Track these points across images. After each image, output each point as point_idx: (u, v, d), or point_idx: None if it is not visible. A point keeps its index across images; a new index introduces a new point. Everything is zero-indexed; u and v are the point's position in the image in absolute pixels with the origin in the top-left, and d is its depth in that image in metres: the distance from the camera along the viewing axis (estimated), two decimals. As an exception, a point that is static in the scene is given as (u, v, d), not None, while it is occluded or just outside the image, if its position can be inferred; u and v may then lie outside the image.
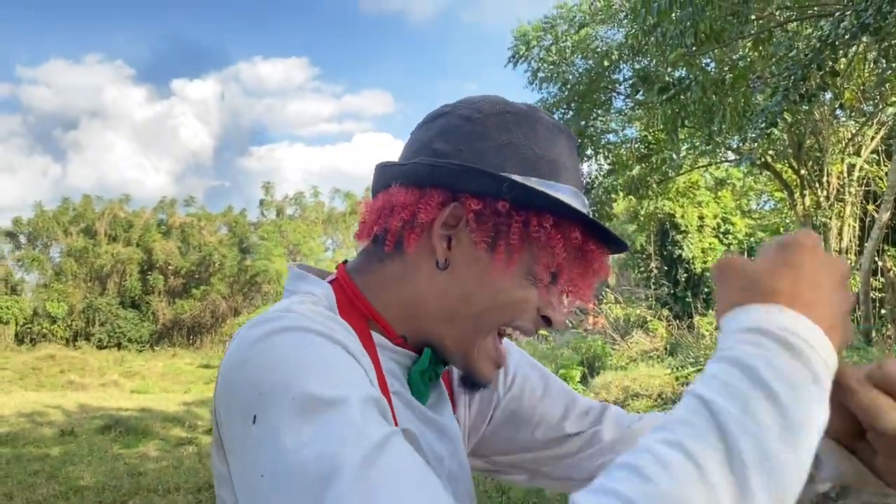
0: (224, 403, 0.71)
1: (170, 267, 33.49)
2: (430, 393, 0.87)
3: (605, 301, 20.19)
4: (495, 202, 0.79)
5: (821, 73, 5.99)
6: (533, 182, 0.80)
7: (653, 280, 19.61)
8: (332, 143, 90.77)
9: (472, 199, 0.79)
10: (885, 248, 14.13)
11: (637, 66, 13.45)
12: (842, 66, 7.96)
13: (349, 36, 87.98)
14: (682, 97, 7.62)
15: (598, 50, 14.61)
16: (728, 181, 19.50)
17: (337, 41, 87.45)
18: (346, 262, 0.92)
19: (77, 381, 20.76)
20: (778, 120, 6.55)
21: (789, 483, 0.53)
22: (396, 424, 0.70)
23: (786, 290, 0.60)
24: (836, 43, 5.82)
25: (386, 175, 0.86)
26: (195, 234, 33.91)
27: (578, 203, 0.83)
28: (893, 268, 13.43)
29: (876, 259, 13.32)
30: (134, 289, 33.90)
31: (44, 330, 32.68)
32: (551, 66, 15.28)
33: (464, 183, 0.80)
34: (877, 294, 13.76)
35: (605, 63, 14.28)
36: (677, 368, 8.84)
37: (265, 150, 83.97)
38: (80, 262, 34.48)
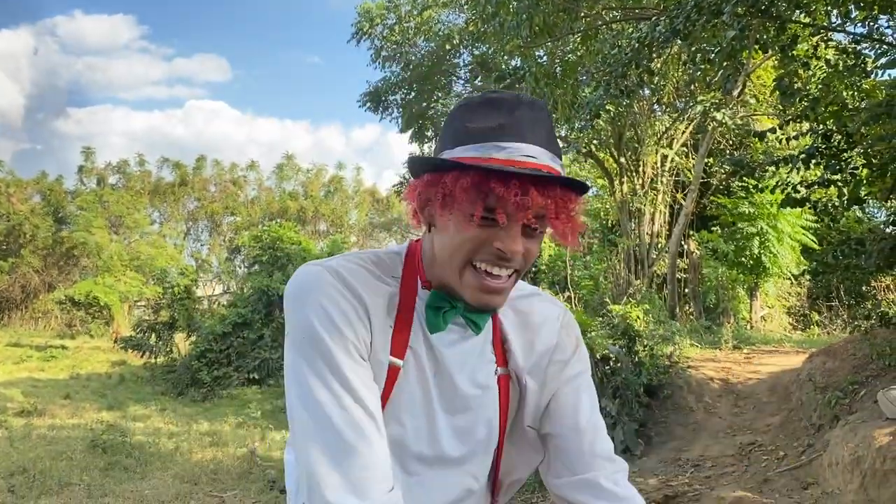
0: None
1: (-29, 237, 30.38)
2: (444, 325, 1.17)
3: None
4: (423, 178, 1.11)
5: (639, 70, 6.58)
6: (458, 151, 1.08)
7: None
8: (161, 109, 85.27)
9: (419, 181, 1.12)
10: (690, 232, 15.62)
11: (476, 53, 13.91)
12: (657, 66, 8.70)
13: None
14: (516, 86, 8.02)
15: (440, 33, 14.93)
16: (557, 167, 20.61)
17: (167, 0, 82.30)
18: None
19: None
20: (601, 112, 7.11)
21: None
22: (407, 346, 1.14)
23: None
24: (652, 44, 6.42)
25: None
26: (2, 201, 30.93)
27: (488, 152, 1.06)
28: (696, 251, 14.89)
29: (682, 243, 14.71)
30: (-73, 260, 30.43)
31: None
32: (394, 46, 15.42)
33: (416, 171, 1.14)
34: (682, 274, 15.21)
35: (447, 46, 14.64)
36: (506, 341, 9.34)
37: (85, 113, 77.47)
38: None
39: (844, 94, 6.94)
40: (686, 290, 14.97)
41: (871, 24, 6.53)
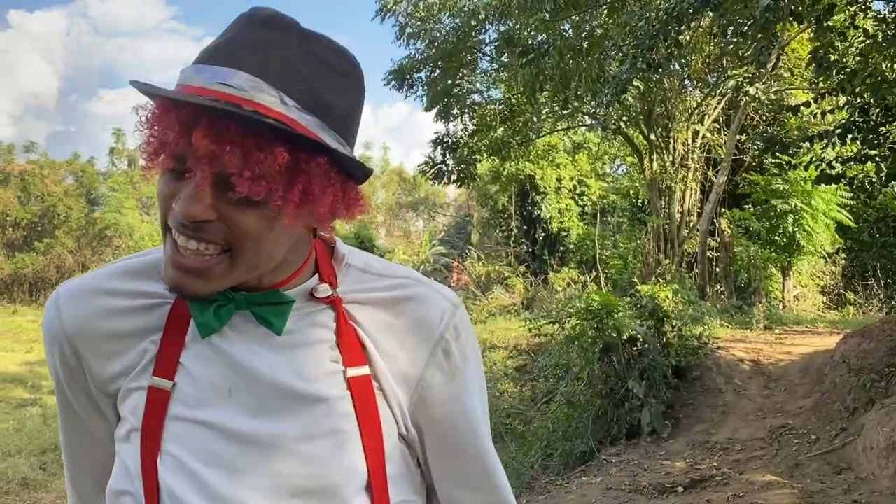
0: None
1: (8, 218, 30.99)
2: (218, 324, 0.86)
3: (468, 259, 20.71)
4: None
5: (667, 43, 6.38)
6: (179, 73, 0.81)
7: (513, 239, 20.27)
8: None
9: None
10: (722, 210, 15.32)
11: (502, 28, 13.70)
12: (686, 39, 8.46)
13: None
14: (541, 61, 7.85)
15: (465, 9, 14.71)
16: (585, 145, 20.33)
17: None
18: None
19: None
20: (628, 87, 6.92)
21: None
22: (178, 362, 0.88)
23: None
24: (682, 16, 6.21)
25: None
26: (37, 182, 31.46)
27: (185, 79, 0.79)
28: (728, 229, 14.59)
29: (713, 221, 14.44)
30: (-34, 241, 31.10)
31: None
32: (419, 23, 15.24)
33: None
34: (713, 254, 14.94)
35: (472, 23, 14.42)
36: (531, 321, 9.27)
37: (116, 94, 78.60)
38: None
39: (883, 65, 6.68)
40: (717, 270, 14.71)
41: (913, -9, 6.25)
